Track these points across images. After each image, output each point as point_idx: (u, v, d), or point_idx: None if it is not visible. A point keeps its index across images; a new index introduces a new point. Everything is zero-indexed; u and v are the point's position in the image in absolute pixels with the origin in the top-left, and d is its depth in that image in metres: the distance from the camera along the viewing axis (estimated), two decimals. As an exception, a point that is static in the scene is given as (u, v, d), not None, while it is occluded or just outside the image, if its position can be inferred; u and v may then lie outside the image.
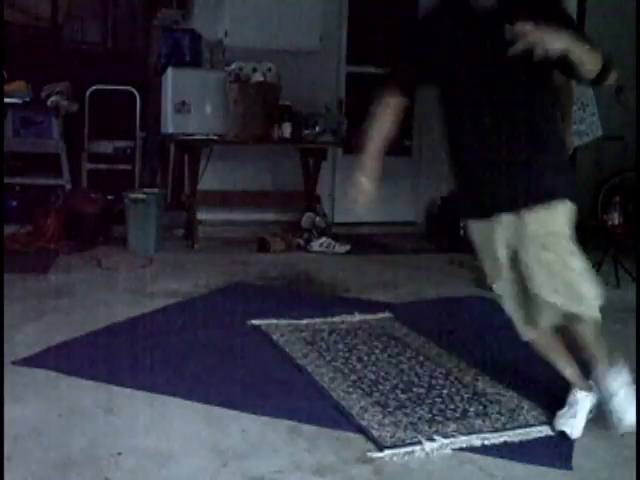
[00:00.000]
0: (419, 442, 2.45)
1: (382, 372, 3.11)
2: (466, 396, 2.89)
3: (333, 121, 6.22)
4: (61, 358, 3.13)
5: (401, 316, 3.96)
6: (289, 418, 2.63)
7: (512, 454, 2.45)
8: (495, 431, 2.58)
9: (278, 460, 2.34)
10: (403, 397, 2.85)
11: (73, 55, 8.05)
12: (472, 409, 2.77)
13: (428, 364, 3.24)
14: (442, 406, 2.78)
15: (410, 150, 7.30)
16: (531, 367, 3.16)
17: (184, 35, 6.21)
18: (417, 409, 2.74)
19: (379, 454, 2.39)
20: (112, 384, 2.86)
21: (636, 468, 2.36)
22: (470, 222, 2.74)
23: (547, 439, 2.57)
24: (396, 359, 3.30)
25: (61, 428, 2.50)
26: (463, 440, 2.49)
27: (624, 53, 6.59)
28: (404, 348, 3.46)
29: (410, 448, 2.42)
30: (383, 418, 2.64)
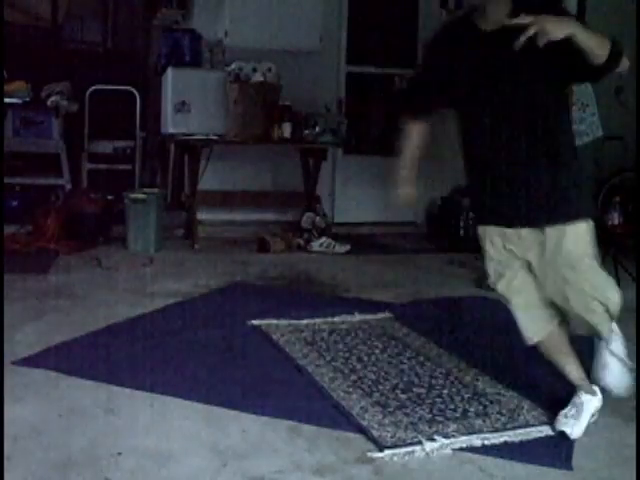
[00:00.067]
0: (419, 442, 2.45)
1: (382, 372, 3.11)
2: (466, 396, 2.89)
3: (333, 121, 6.22)
4: (61, 358, 3.13)
5: (401, 316, 3.96)
6: (289, 418, 2.63)
7: (512, 454, 2.45)
8: (495, 431, 2.58)
9: (278, 460, 2.34)
10: (403, 397, 2.85)
11: (73, 55, 8.05)
12: (472, 409, 2.77)
13: (428, 364, 3.24)
14: (442, 406, 2.78)
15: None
16: (531, 367, 3.16)
17: (184, 35, 6.21)
18: (417, 409, 2.74)
19: (379, 454, 2.39)
20: (112, 384, 2.86)
21: (636, 468, 2.36)
22: (484, 227, 2.76)
23: (547, 439, 2.57)
24: (396, 359, 3.30)
25: (61, 428, 2.50)
26: (463, 440, 2.50)
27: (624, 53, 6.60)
28: (404, 348, 3.46)
29: (410, 448, 2.42)
30: (383, 418, 2.64)
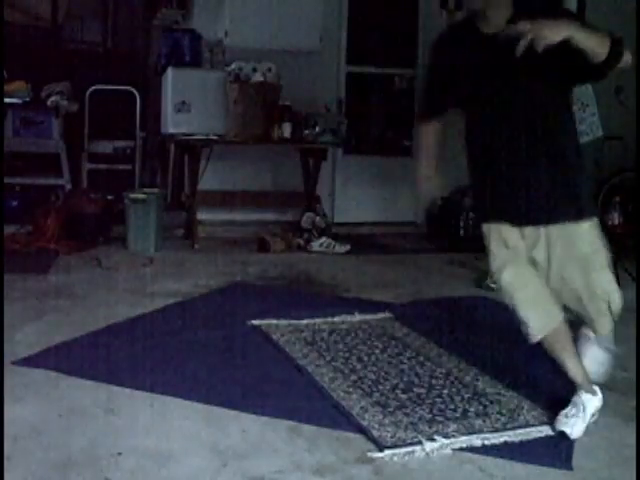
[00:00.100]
0: (419, 442, 2.45)
1: (382, 372, 3.11)
2: (466, 396, 2.89)
3: (333, 121, 6.21)
4: (61, 358, 3.13)
5: (401, 316, 3.96)
6: (289, 418, 2.63)
7: (512, 454, 2.45)
8: (495, 431, 2.58)
9: (278, 460, 2.34)
10: (403, 397, 2.85)
11: (73, 55, 8.05)
12: (472, 409, 2.77)
13: (428, 364, 3.24)
14: (442, 406, 2.78)
15: (410, 150, 7.30)
16: (531, 367, 3.17)
17: (184, 35, 6.21)
18: (417, 409, 2.74)
19: (379, 454, 2.38)
20: (112, 384, 2.86)
21: (636, 468, 2.36)
22: (488, 225, 2.77)
23: (547, 439, 2.57)
24: (396, 359, 3.29)
25: (61, 428, 2.50)
26: (463, 440, 2.49)
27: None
28: (404, 348, 3.46)
29: (410, 448, 2.42)
30: (383, 418, 2.64)
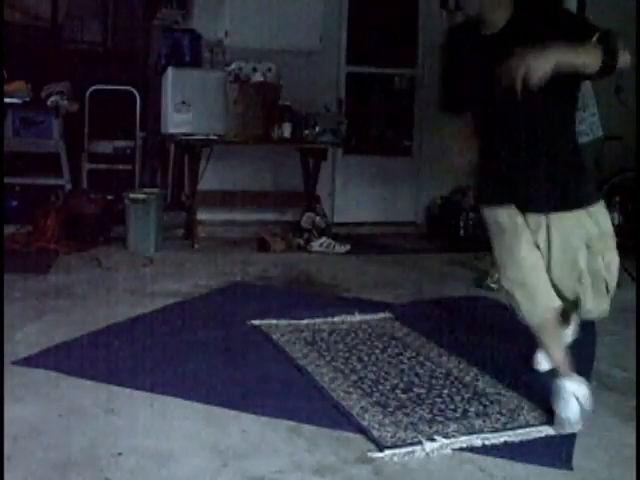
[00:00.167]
0: (419, 442, 2.45)
1: (382, 372, 3.11)
2: (466, 396, 2.89)
3: (333, 121, 6.21)
4: (61, 358, 3.13)
5: (401, 316, 3.96)
6: (289, 418, 2.63)
7: (512, 454, 2.45)
8: (495, 431, 2.58)
9: (278, 460, 2.34)
10: (403, 397, 2.85)
11: (73, 55, 8.05)
12: (472, 409, 2.77)
13: (428, 364, 3.24)
14: (442, 406, 2.78)
15: (410, 150, 7.30)
16: (531, 367, 3.17)
17: (184, 35, 6.21)
18: (417, 409, 2.74)
19: (379, 454, 2.38)
20: (112, 384, 2.86)
21: (636, 468, 2.36)
22: (491, 207, 2.84)
23: (547, 439, 2.57)
24: (396, 359, 3.29)
25: (61, 428, 2.50)
26: (463, 440, 2.49)
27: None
28: (404, 348, 3.46)
29: (410, 448, 2.42)
30: (383, 418, 2.64)
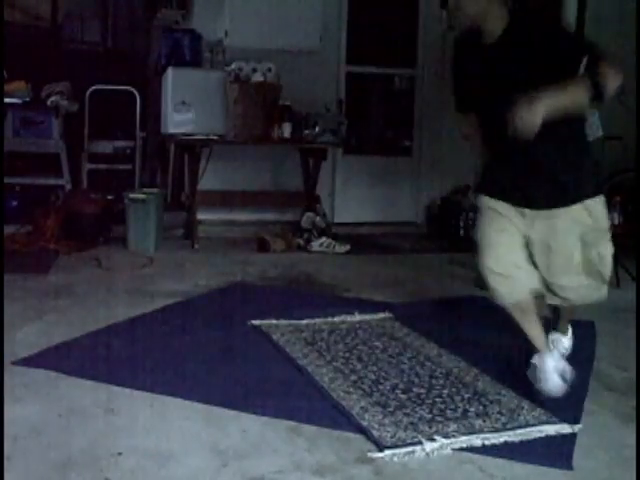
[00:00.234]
0: (419, 442, 2.45)
1: (382, 372, 3.11)
2: (466, 396, 2.89)
3: (333, 121, 6.21)
4: (61, 358, 3.13)
5: (401, 316, 3.96)
6: (289, 418, 2.63)
7: (512, 454, 2.45)
8: (495, 431, 2.58)
9: (278, 460, 2.34)
10: (403, 397, 2.85)
11: (73, 55, 8.05)
12: (472, 409, 2.77)
13: (428, 364, 3.24)
14: (442, 406, 2.78)
15: (410, 150, 7.30)
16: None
17: (184, 35, 6.22)
18: (417, 409, 2.74)
19: (379, 454, 2.38)
20: (112, 384, 2.86)
21: (636, 468, 2.37)
22: (488, 199, 2.95)
23: (547, 439, 2.57)
24: (396, 359, 3.30)
25: (61, 428, 2.50)
26: (463, 440, 2.49)
27: (624, 53, 6.60)
28: (404, 348, 3.46)
29: (410, 448, 2.42)
30: (383, 418, 2.64)
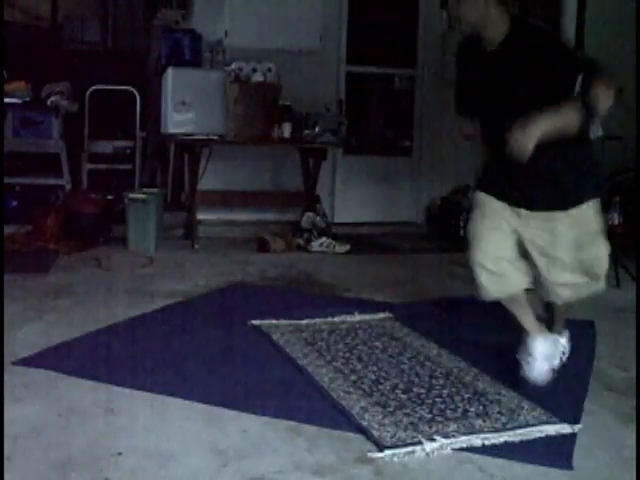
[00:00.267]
0: (419, 442, 2.45)
1: (382, 372, 3.11)
2: (466, 396, 2.89)
3: (333, 121, 6.21)
4: (61, 358, 3.13)
5: (401, 316, 3.96)
6: (289, 418, 2.63)
7: (512, 454, 2.44)
8: (495, 431, 2.58)
9: (278, 460, 2.34)
10: (403, 397, 2.85)
11: (73, 55, 8.04)
12: (472, 409, 2.77)
13: (428, 364, 3.24)
14: (442, 406, 2.78)
15: (410, 150, 7.30)
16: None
17: (184, 35, 6.22)
18: (417, 409, 2.74)
19: (379, 454, 2.38)
20: (112, 384, 2.86)
21: (636, 468, 2.36)
22: (485, 195, 3.03)
23: (547, 439, 2.57)
24: (396, 359, 3.29)
25: (61, 428, 2.50)
26: (463, 440, 2.49)
27: (624, 53, 6.60)
28: (404, 348, 3.46)
29: (410, 448, 2.42)
30: (383, 418, 2.64)
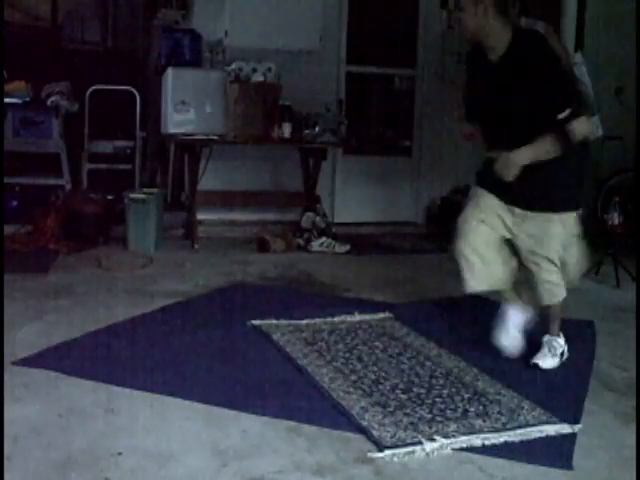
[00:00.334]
0: (419, 442, 2.45)
1: (382, 372, 3.12)
2: (466, 396, 2.89)
3: (333, 121, 6.21)
4: (61, 358, 3.13)
5: (401, 316, 3.96)
6: (289, 418, 2.63)
7: (512, 454, 2.45)
8: (495, 431, 2.58)
9: (278, 460, 2.34)
10: (403, 397, 2.85)
11: (73, 55, 8.05)
12: (472, 409, 2.77)
13: (428, 364, 3.24)
14: (442, 406, 2.78)
15: (410, 150, 7.30)
16: (531, 367, 3.17)
17: (184, 35, 6.22)
18: (417, 409, 2.74)
19: (379, 454, 2.39)
20: (112, 384, 2.86)
21: (636, 468, 2.37)
22: (482, 190, 3.24)
23: (547, 439, 2.57)
24: (396, 359, 3.30)
25: (61, 428, 2.50)
26: (463, 440, 2.50)
27: (624, 53, 6.61)
28: (404, 348, 3.46)
29: (410, 448, 2.42)
30: (383, 418, 2.64)
